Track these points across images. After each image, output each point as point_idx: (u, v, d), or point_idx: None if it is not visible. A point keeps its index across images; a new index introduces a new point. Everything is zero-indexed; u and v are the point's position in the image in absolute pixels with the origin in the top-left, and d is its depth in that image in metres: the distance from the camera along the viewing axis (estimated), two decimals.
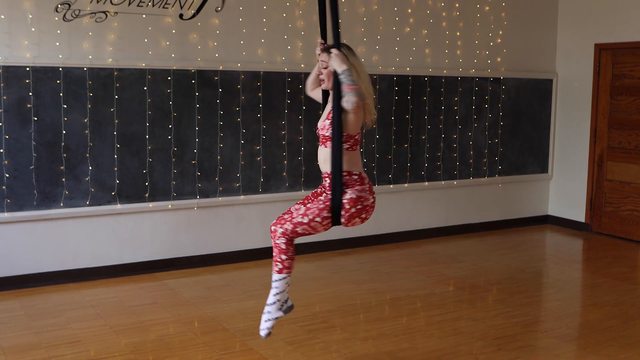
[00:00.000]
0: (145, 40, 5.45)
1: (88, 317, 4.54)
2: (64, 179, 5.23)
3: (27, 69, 5.03)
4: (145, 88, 5.45)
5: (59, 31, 5.14)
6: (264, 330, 3.65)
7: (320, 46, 3.65)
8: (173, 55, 5.56)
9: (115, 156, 5.39)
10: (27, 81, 5.04)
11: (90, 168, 5.31)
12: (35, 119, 5.09)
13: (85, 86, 5.24)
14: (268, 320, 3.63)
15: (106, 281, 5.38)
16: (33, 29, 5.06)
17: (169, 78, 5.53)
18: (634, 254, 6.50)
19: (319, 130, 3.58)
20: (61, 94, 5.16)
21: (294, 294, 5.07)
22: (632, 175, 6.97)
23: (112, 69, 5.32)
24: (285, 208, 5.48)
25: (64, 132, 5.19)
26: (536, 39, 7.47)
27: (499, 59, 7.22)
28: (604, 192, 7.24)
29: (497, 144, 7.30)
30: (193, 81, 5.62)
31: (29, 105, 5.06)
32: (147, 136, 5.49)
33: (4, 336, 4.20)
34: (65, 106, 5.18)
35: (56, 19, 5.12)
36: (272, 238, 3.56)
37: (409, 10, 6.61)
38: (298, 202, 3.72)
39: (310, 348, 4.05)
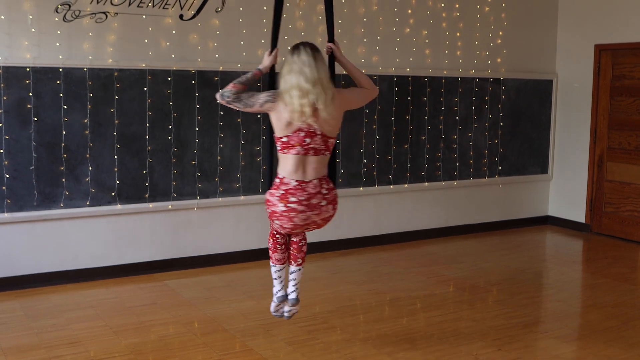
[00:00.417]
0: (146, 40, 5.45)
1: (88, 318, 4.54)
2: (64, 180, 5.23)
3: (27, 69, 5.03)
4: (145, 89, 5.45)
5: (59, 32, 5.14)
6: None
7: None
8: (173, 55, 5.56)
9: (116, 157, 5.39)
10: (27, 82, 5.04)
11: (90, 169, 5.31)
12: (35, 119, 5.09)
13: (85, 87, 5.24)
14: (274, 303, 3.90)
15: (106, 282, 5.38)
16: (33, 30, 5.06)
17: (169, 79, 5.54)
18: (634, 254, 6.50)
19: None
20: (61, 95, 5.16)
21: None
22: (632, 176, 6.97)
23: (112, 69, 5.32)
24: None
25: (64, 133, 5.19)
26: (536, 40, 7.47)
27: (499, 60, 7.22)
28: (604, 193, 7.24)
29: (497, 145, 7.31)
30: (193, 82, 5.62)
31: (29, 106, 5.06)
32: (147, 137, 5.49)
33: (4, 337, 4.20)
34: (65, 107, 5.18)
35: (56, 19, 5.13)
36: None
37: (409, 11, 6.61)
38: None
39: (310, 349, 4.05)
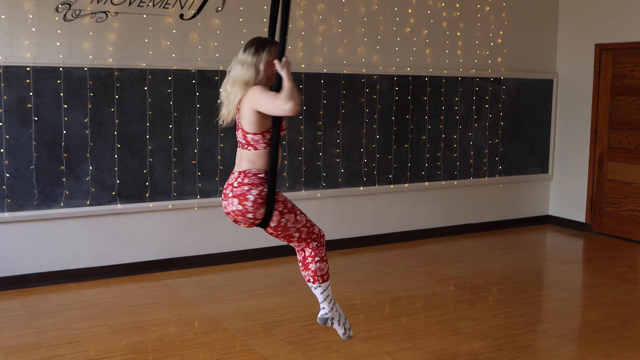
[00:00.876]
0: (146, 40, 5.45)
1: (88, 317, 4.54)
2: (64, 179, 5.23)
3: (28, 68, 5.03)
4: (145, 88, 5.45)
5: (59, 31, 5.14)
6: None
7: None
8: (173, 55, 5.56)
9: (116, 156, 5.39)
10: (28, 81, 5.04)
11: (91, 168, 5.31)
12: (36, 118, 5.09)
13: (85, 86, 5.24)
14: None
15: (106, 281, 5.38)
16: (33, 29, 5.06)
17: (170, 78, 5.54)
18: (635, 254, 6.49)
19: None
20: (61, 94, 5.16)
21: (295, 293, 5.08)
22: (633, 176, 6.97)
23: (113, 68, 5.32)
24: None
25: (65, 132, 5.19)
26: (536, 39, 7.47)
27: (499, 59, 7.22)
28: (605, 193, 7.24)
29: (498, 144, 7.30)
30: (193, 81, 5.63)
31: (29, 105, 5.06)
32: (148, 136, 5.49)
33: (4, 336, 4.20)
34: (65, 106, 5.18)
35: (57, 19, 5.13)
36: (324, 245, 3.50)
37: (410, 11, 6.61)
38: (297, 207, 3.49)
39: (311, 348, 4.05)
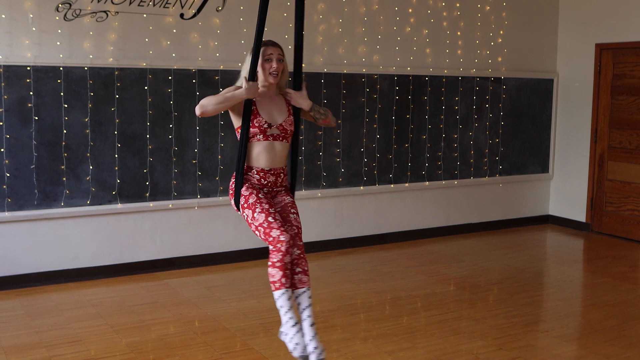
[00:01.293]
0: (146, 39, 5.45)
1: (88, 317, 4.54)
2: (64, 179, 5.23)
3: (28, 68, 5.03)
4: (146, 87, 5.45)
5: (59, 31, 5.14)
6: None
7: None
8: (174, 54, 5.56)
9: (116, 156, 5.39)
10: (28, 80, 5.04)
11: (91, 167, 5.31)
12: (36, 118, 5.09)
13: (86, 85, 5.24)
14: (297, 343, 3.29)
15: (107, 280, 5.38)
16: (34, 29, 5.06)
17: (170, 77, 5.54)
18: (635, 253, 6.49)
19: (285, 124, 3.48)
20: (62, 94, 5.16)
21: None
22: (633, 175, 6.97)
23: (113, 68, 5.32)
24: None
25: (65, 132, 5.19)
26: (537, 39, 7.47)
27: (499, 59, 7.22)
28: (605, 192, 7.24)
29: (498, 144, 7.30)
30: (194, 81, 5.62)
31: (29, 105, 5.06)
32: (148, 136, 5.49)
33: (5, 335, 4.20)
34: (66, 105, 5.18)
35: (57, 18, 5.13)
36: (303, 252, 3.45)
37: (410, 10, 6.61)
38: (267, 211, 3.35)
39: None
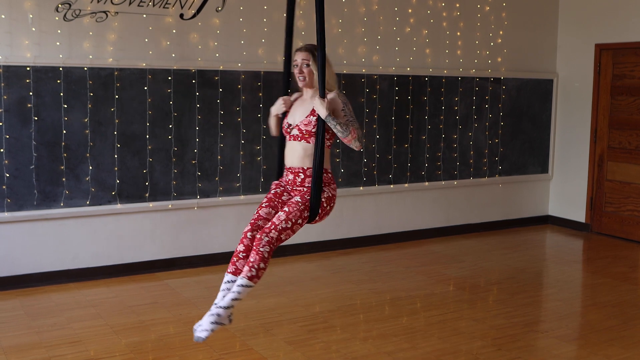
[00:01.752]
0: (146, 40, 5.45)
1: (88, 317, 4.54)
2: (64, 179, 5.23)
3: (28, 68, 5.03)
4: (145, 88, 5.45)
5: (59, 31, 5.14)
6: (205, 332, 3.30)
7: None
8: (173, 55, 5.56)
9: (116, 156, 5.39)
10: (28, 81, 5.04)
11: (91, 168, 5.31)
12: (36, 118, 5.09)
13: (85, 86, 5.24)
14: (215, 323, 3.32)
15: (106, 281, 5.38)
16: (34, 29, 5.06)
17: (170, 78, 5.54)
18: (635, 254, 6.50)
19: (301, 125, 3.56)
20: (61, 94, 5.16)
21: (295, 293, 5.08)
22: (633, 176, 6.97)
23: (113, 68, 5.32)
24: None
25: (65, 132, 5.19)
26: (537, 39, 7.47)
27: (499, 59, 7.22)
28: (605, 193, 7.24)
29: (498, 144, 7.31)
30: (193, 81, 5.63)
31: (29, 105, 5.06)
32: (148, 136, 5.49)
33: (5, 335, 4.20)
34: (65, 106, 5.18)
35: (57, 18, 5.13)
36: (256, 246, 3.34)
37: (410, 10, 6.61)
38: (265, 205, 3.59)
39: (310, 348, 4.05)
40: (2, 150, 5.01)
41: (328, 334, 4.26)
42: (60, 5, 5.12)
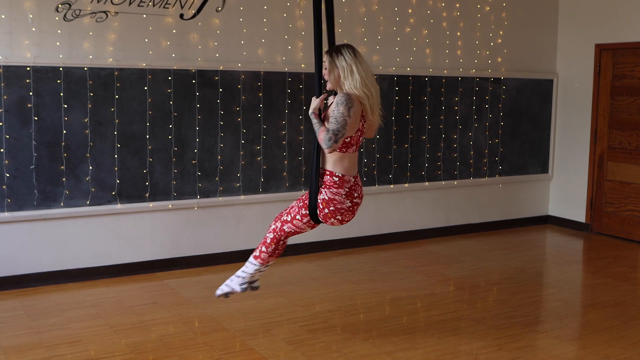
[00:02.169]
0: (146, 40, 5.45)
1: (88, 317, 4.54)
2: (64, 179, 5.23)
3: (28, 68, 5.03)
4: (145, 88, 5.45)
5: (59, 31, 5.14)
6: (219, 291, 4.11)
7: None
8: (173, 55, 5.56)
9: (116, 156, 5.39)
10: (28, 81, 5.04)
11: (91, 168, 5.31)
12: (36, 118, 5.09)
13: (85, 86, 5.24)
14: (227, 286, 4.08)
15: (106, 281, 5.38)
16: (34, 29, 5.06)
17: (170, 78, 5.54)
18: (635, 254, 6.49)
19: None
20: (62, 94, 5.16)
21: (295, 293, 5.08)
22: (633, 176, 6.97)
23: (113, 68, 5.32)
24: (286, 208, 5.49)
25: (65, 132, 5.19)
26: (537, 39, 7.47)
27: (499, 59, 7.22)
28: (605, 193, 7.24)
29: (498, 144, 7.31)
30: (193, 81, 5.63)
31: (29, 105, 5.06)
32: (148, 136, 5.49)
33: (4, 335, 4.20)
34: (65, 106, 5.18)
35: (57, 18, 5.13)
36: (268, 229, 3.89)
37: (410, 11, 6.61)
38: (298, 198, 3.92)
39: (311, 348, 4.05)
40: (2, 150, 5.01)
41: (328, 334, 4.26)
42: (60, 5, 5.12)
